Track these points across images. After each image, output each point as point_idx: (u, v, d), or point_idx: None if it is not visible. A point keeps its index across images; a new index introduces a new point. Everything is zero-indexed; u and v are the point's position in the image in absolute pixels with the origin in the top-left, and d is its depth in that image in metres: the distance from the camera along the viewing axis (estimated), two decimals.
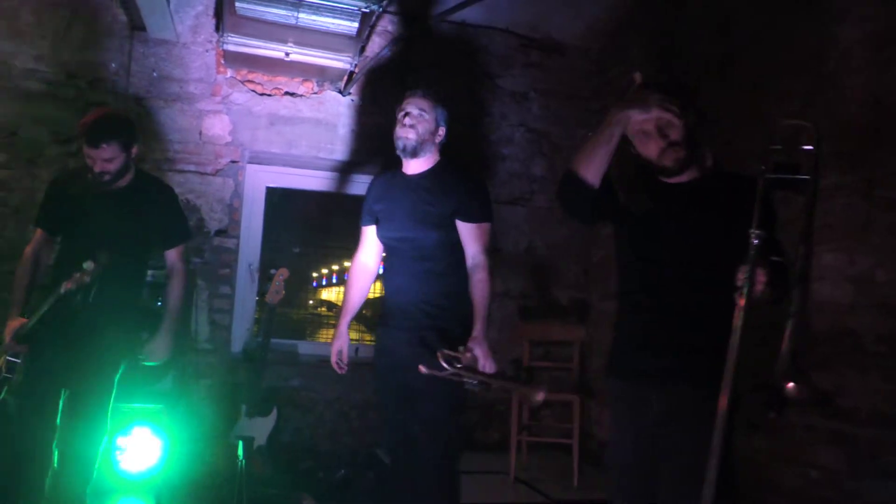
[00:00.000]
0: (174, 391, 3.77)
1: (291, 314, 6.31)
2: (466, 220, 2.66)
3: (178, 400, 3.80)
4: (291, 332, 5.34)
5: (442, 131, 2.77)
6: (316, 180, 4.83)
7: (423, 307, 2.65)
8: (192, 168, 4.40)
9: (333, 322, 6.49)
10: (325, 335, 6.50)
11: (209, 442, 3.76)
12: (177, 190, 4.28)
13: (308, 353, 4.67)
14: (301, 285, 6.82)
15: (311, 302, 7.83)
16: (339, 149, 4.65)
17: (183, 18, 4.38)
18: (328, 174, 4.80)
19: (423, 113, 2.72)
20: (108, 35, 4.30)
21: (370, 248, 2.96)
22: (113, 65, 4.29)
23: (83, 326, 2.83)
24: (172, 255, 3.13)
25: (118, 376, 2.93)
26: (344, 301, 3.00)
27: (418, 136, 2.70)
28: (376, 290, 4.08)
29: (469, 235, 2.66)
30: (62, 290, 2.71)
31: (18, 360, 2.83)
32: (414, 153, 2.72)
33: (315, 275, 7.88)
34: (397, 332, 2.72)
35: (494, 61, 5.00)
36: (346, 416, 4.51)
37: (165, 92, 4.38)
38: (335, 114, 4.65)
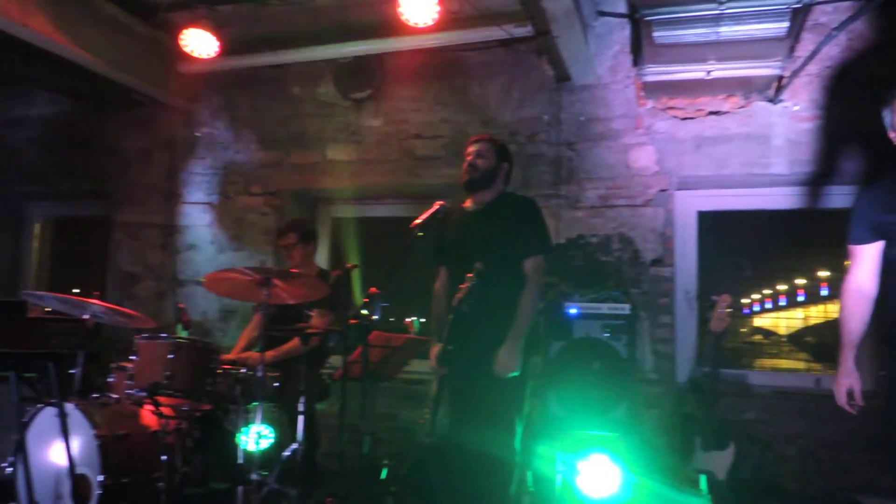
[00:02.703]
0: (627, 420, 3.83)
1: (723, 343, 5.98)
2: None
3: (631, 429, 3.85)
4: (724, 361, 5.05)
5: None
6: (750, 199, 4.54)
7: None
8: (622, 202, 4.52)
9: (773, 351, 5.97)
10: (762, 365, 6.00)
11: (667, 473, 3.72)
12: (610, 224, 4.49)
13: (760, 383, 4.35)
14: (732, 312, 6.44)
15: (743, 330, 7.35)
16: (775, 162, 4.29)
17: (602, 61, 4.59)
18: (764, 191, 4.47)
19: None
20: (539, 91, 4.73)
21: (869, 269, 2.56)
22: (545, 117, 4.69)
23: (480, 341, 3.09)
24: (528, 266, 3.19)
25: (526, 392, 3.15)
26: (844, 332, 2.63)
27: None
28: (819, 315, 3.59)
29: None
30: (455, 304, 3.02)
31: (445, 382, 3.20)
32: None
33: (746, 301, 7.39)
34: None
35: None
36: (813, 454, 4.04)
37: (592, 133, 4.61)
38: (766, 125, 4.32)
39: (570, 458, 3.70)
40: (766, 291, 7.02)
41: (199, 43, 4.63)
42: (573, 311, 3.93)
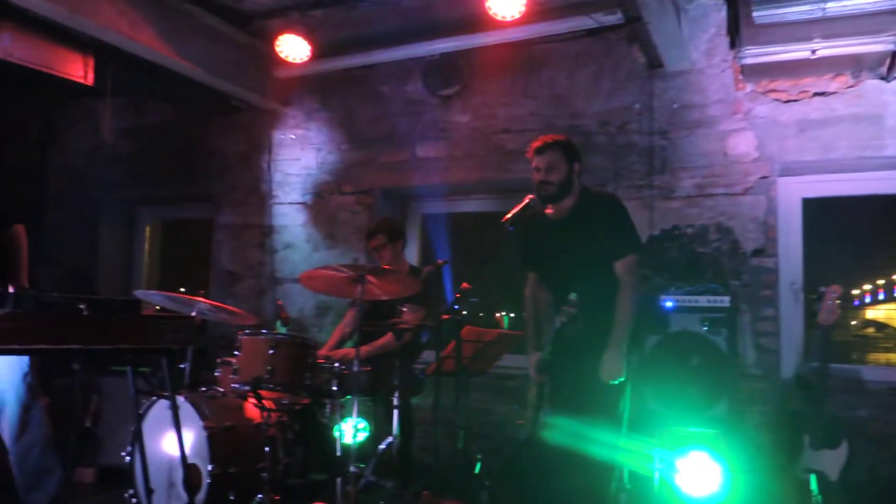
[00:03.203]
0: (728, 417, 3.68)
1: (832, 336, 5.64)
2: None
3: (732, 426, 3.71)
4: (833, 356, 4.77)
5: None
6: (861, 184, 4.29)
7: None
8: (720, 191, 4.35)
9: (887, 345, 5.59)
10: (875, 359, 5.63)
11: (771, 473, 3.56)
12: (707, 214, 4.34)
13: (875, 379, 4.09)
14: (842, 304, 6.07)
15: (854, 322, 6.93)
16: (889, 144, 4.01)
17: (697, 45, 4.43)
18: (876, 175, 4.20)
19: None
20: (630, 79, 4.61)
21: None
22: (637, 105, 4.57)
23: (582, 349, 3.08)
24: (620, 268, 3.10)
25: (626, 388, 3.12)
26: None
27: None
28: None
29: None
30: (557, 325, 3.04)
31: (544, 389, 3.24)
32: None
33: (856, 292, 6.95)
34: None
35: None
36: None
37: (687, 120, 4.46)
38: (878, 104, 4.05)
39: (669, 455, 3.61)
40: (879, 282, 6.59)
41: (293, 48, 4.78)
42: (669, 304, 3.82)
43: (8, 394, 3.19)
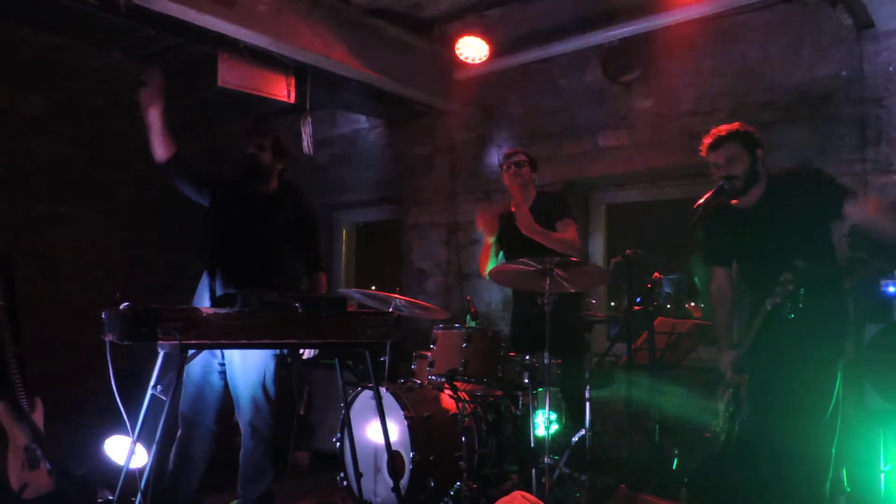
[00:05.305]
0: None
1: None
2: None
3: None
4: None
5: None
6: None
7: None
8: None
9: None
10: None
11: None
12: None
13: None
14: None
15: None
16: None
17: None
18: None
19: None
20: (834, 45, 4.20)
21: None
22: (844, 73, 4.15)
23: (791, 339, 2.82)
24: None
25: (838, 380, 2.85)
26: None
27: None
28: None
29: None
30: (768, 307, 2.78)
31: (741, 391, 3.02)
32: None
33: None
34: None
35: None
36: None
37: None
38: None
39: None
40: None
41: (472, 49, 4.90)
42: (892, 289, 3.44)
43: (246, 393, 3.44)
